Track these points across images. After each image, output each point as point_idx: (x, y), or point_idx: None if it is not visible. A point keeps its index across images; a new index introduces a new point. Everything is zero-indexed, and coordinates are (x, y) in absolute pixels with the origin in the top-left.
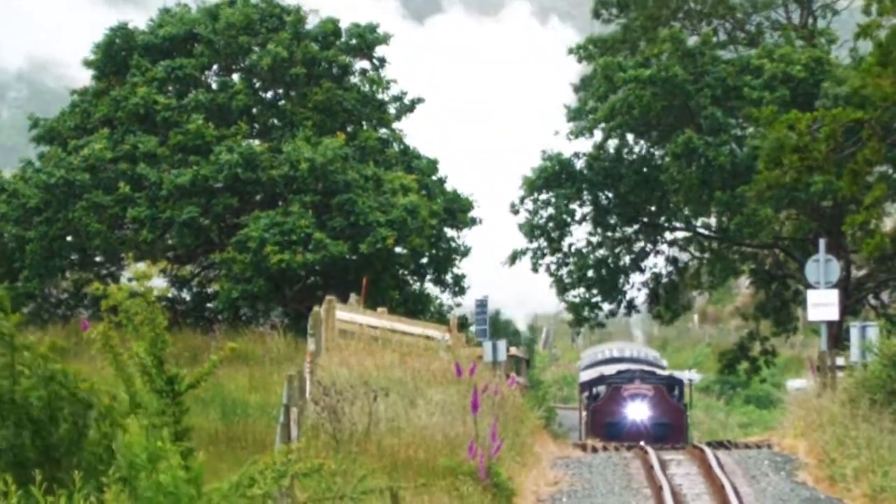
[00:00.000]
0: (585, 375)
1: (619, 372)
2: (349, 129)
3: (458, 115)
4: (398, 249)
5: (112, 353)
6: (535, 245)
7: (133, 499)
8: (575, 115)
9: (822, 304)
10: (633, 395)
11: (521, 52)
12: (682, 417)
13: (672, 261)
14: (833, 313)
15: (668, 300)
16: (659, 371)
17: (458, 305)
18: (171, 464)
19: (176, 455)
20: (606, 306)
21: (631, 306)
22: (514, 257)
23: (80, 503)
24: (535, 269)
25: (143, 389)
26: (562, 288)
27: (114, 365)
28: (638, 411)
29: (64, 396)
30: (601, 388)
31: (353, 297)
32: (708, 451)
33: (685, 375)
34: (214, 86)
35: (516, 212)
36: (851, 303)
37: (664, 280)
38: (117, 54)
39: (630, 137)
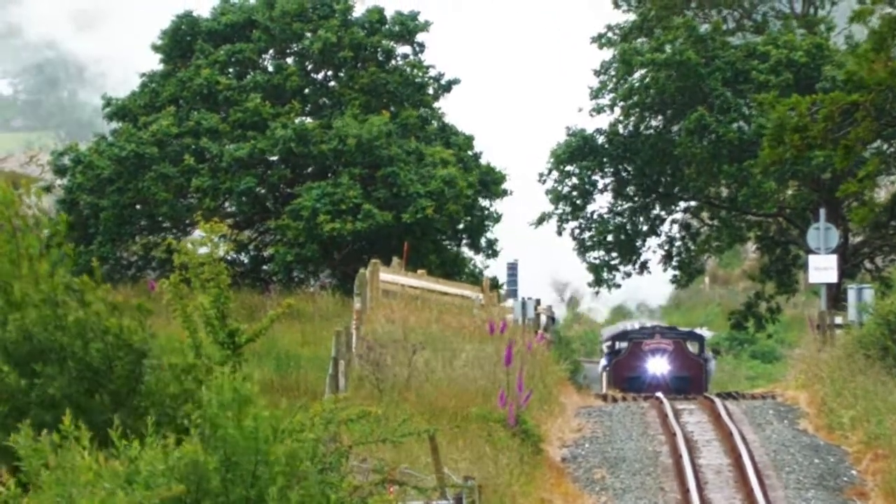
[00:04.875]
0: (607, 345)
1: (641, 328)
2: (392, 108)
3: (494, 89)
4: (436, 216)
5: (180, 304)
6: (559, 210)
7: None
8: (596, 94)
9: (822, 268)
10: (653, 349)
11: (551, 36)
12: (702, 371)
13: (685, 227)
14: (832, 276)
15: (681, 264)
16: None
17: (487, 267)
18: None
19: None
20: (623, 269)
21: (644, 267)
22: (540, 219)
23: (155, 447)
24: (559, 233)
25: (206, 341)
26: (583, 250)
27: (181, 316)
28: (658, 365)
29: (120, 347)
30: (623, 344)
31: (395, 260)
32: (717, 401)
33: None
34: (270, 68)
35: (543, 181)
36: (849, 267)
37: (677, 243)
38: (183, 39)
39: (646, 115)
